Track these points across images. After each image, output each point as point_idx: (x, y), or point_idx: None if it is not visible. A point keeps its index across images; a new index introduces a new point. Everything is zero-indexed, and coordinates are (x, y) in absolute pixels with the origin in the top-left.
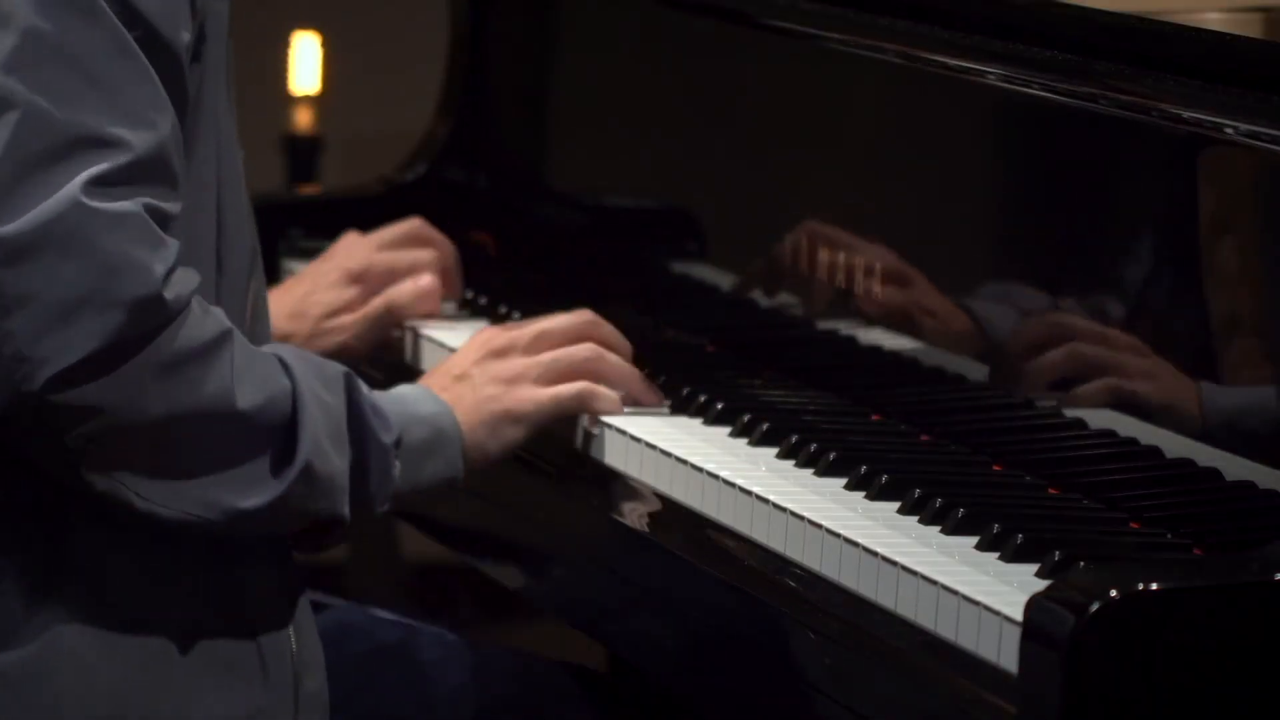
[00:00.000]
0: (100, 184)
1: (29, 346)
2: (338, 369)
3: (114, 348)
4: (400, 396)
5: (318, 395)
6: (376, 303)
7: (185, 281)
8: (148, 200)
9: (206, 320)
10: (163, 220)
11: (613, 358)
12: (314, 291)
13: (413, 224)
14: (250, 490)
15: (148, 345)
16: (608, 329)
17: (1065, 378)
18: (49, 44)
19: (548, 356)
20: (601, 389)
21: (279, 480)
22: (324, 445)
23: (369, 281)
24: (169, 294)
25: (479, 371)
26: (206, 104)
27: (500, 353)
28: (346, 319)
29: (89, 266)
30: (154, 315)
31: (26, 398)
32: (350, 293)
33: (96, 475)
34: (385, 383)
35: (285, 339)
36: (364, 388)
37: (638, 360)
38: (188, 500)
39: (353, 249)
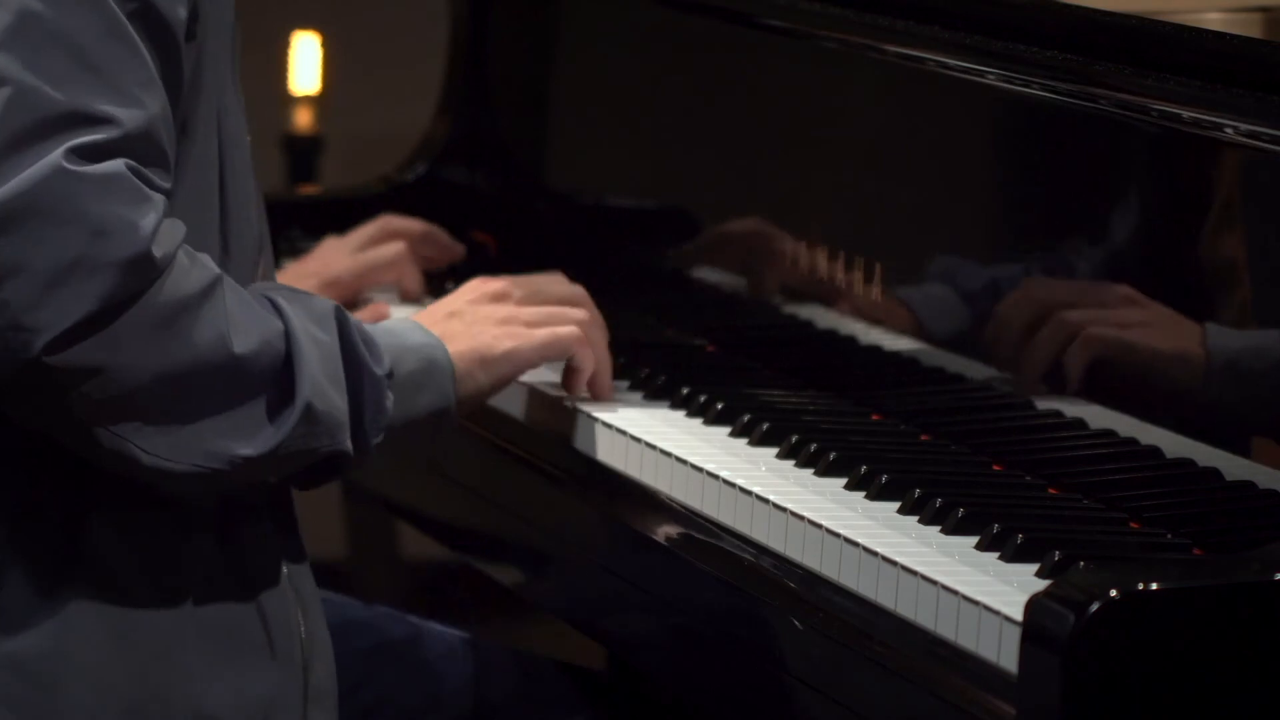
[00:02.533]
0: (83, 153)
1: (23, 315)
2: (327, 304)
3: (108, 309)
4: (389, 329)
5: (311, 334)
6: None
7: (172, 235)
8: (131, 163)
9: (194, 269)
10: (151, 189)
11: (601, 330)
12: None
13: (380, 221)
14: (253, 436)
15: (139, 301)
16: (596, 313)
17: (1066, 376)
18: (43, 24)
19: (544, 310)
20: (588, 347)
21: (281, 424)
22: (322, 384)
23: (343, 288)
24: (158, 251)
25: (471, 310)
26: (208, 87)
27: (495, 297)
28: None
29: (77, 230)
30: (145, 273)
31: (24, 365)
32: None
33: (103, 434)
34: None
35: None
36: (353, 321)
37: (639, 359)
38: (193, 452)
39: (328, 256)
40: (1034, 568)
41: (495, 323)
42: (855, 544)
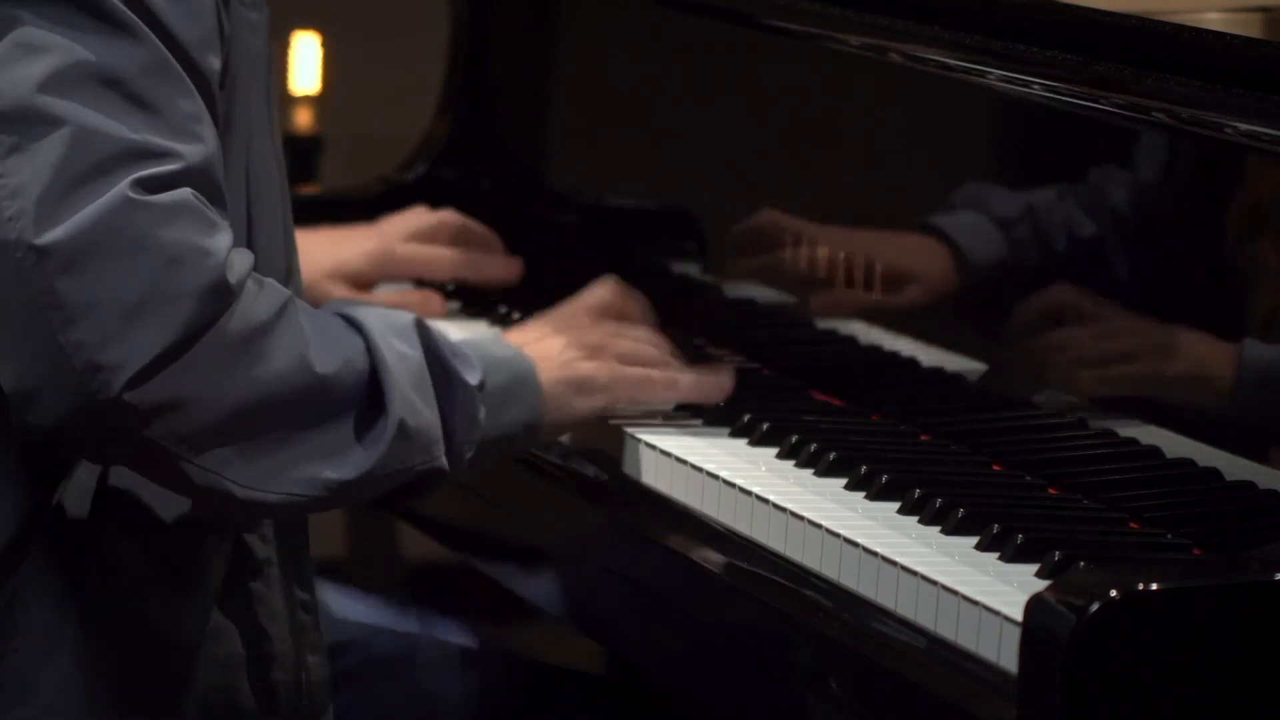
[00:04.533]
0: (147, 184)
1: (100, 354)
2: (407, 317)
3: (185, 339)
4: (473, 341)
5: (394, 348)
6: (380, 298)
7: (243, 261)
8: (196, 192)
9: (264, 294)
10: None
11: (687, 375)
12: (334, 248)
13: (442, 215)
14: (346, 459)
15: (214, 328)
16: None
17: (1065, 376)
18: (92, 64)
19: (631, 344)
20: (683, 376)
21: (374, 444)
22: (413, 399)
23: (386, 266)
24: (232, 277)
25: (566, 334)
26: (238, 130)
27: (585, 326)
28: (344, 290)
29: (149, 262)
30: (220, 300)
31: (105, 405)
32: (365, 267)
33: (192, 470)
34: None
35: None
36: (435, 330)
37: None
38: (286, 480)
39: (383, 232)
40: (1034, 568)
41: (588, 349)
42: (855, 544)
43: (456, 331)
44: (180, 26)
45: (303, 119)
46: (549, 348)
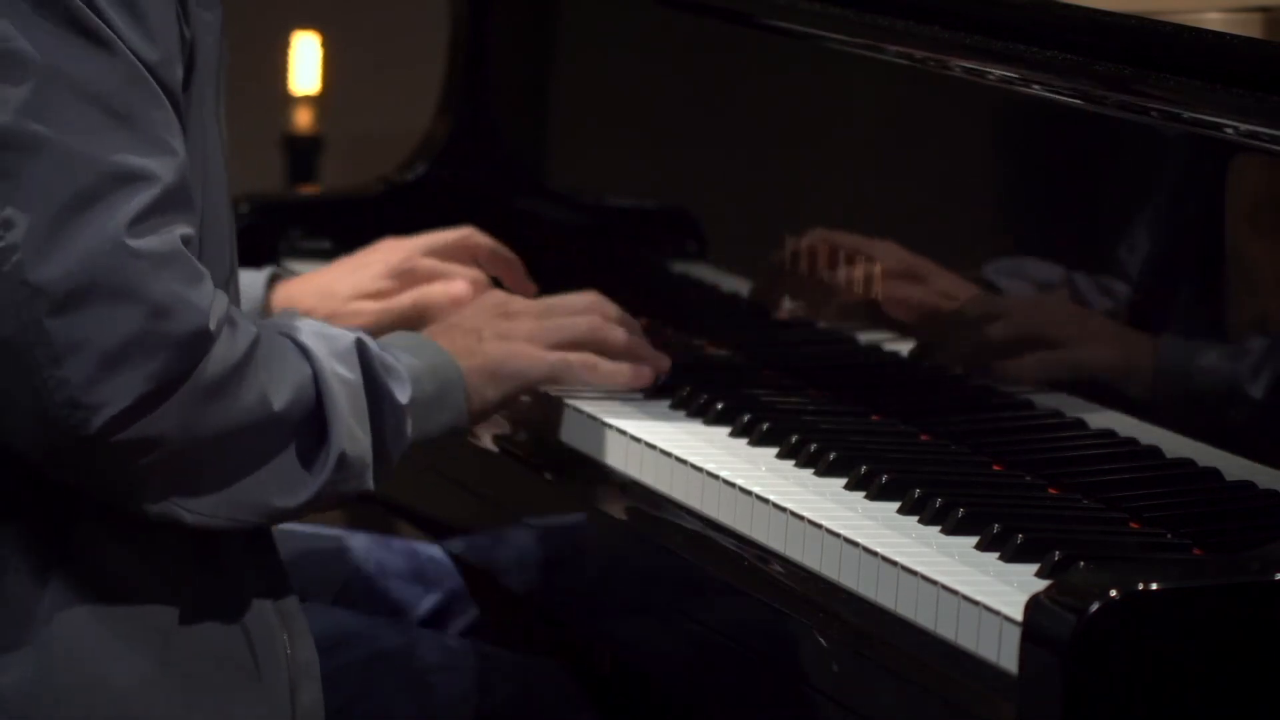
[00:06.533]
0: (140, 221)
1: (82, 393)
2: (349, 338)
3: (165, 385)
4: (406, 347)
5: (338, 374)
6: (405, 298)
7: (220, 306)
8: (182, 231)
9: (237, 335)
10: (192, 248)
11: (617, 331)
12: (350, 274)
13: (464, 232)
14: (292, 488)
15: (194, 373)
16: (612, 308)
17: (1066, 376)
18: (66, 83)
19: (553, 324)
20: (604, 361)
21: (316, 474)
22: (353, 428)
23: (408, 280)
24: (212, 324)
25: (488, 328)
26: (193, 129)
27: (510, 315)
28: (371, 305)
29: (139, 310)
30: (201, 348)
31: (82, 441)
32: (385, 284)
33: (151, 502)
34: None
35: (306, 314)
36: (374, 349)
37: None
38: (236, 508)
39: (398, 246)
40: (1034, 568)
41: (510, 340)
42: (855, 544)
43: None
44: (142, 48)
45: (303, 119)
46: (466, 339)
